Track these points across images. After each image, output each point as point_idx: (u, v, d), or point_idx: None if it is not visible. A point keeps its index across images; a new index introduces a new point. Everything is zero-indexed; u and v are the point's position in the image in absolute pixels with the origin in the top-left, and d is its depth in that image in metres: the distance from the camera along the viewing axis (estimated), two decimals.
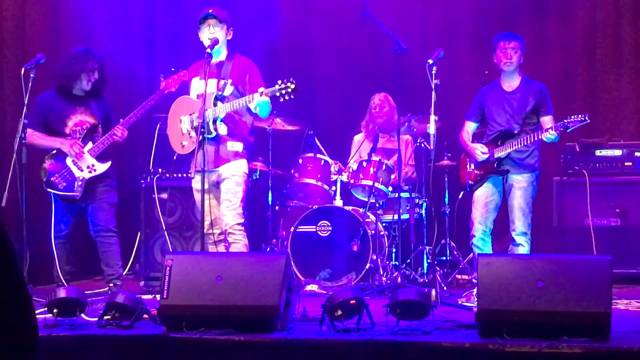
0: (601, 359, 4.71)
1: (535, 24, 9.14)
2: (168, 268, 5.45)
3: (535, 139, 6.94)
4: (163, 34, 9.55)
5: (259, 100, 6.34)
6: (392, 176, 7.97)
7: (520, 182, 7.08)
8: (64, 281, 7.14)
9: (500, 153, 7.06)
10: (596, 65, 8.93)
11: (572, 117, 6.80)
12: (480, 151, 7.10)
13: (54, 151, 7.28)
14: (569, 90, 8.93)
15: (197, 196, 6.65)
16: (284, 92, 6.28)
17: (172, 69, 7.04)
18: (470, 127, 7.32)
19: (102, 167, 7.32)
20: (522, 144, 6.97)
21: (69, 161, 7.27)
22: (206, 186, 6.43)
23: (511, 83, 7.19)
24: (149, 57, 9.41)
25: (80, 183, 7.25)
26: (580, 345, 4.75)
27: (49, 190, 7.28)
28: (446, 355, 4.94)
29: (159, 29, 9.63)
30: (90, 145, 7.30)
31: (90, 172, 7.28)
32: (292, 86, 6.28)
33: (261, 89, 6.38)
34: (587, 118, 6.77)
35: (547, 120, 7.07)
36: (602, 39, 8.90)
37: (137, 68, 9.14)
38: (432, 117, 6.56)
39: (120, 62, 8.93)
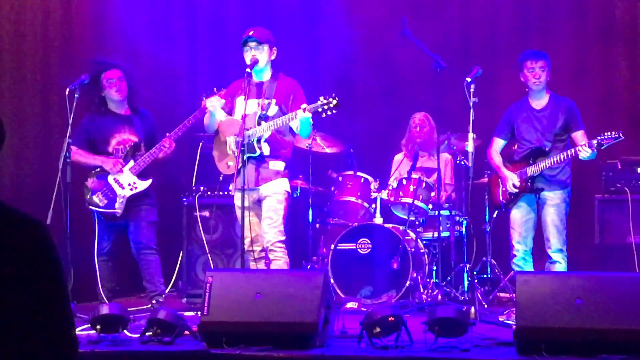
0: None
1: (575, 40, 9.12)
2: (208, 285, 5.53)
3: (569, 156, 6.93)
4: (205, 52, 9.64)
5: (301, 117, 6.41)
6: (432, 194, 7.99)
7: (552, 199, 7.09)
8: (105, 298, 7.24)
9: (532, 171, 7.07)
10: (637, 80, 8.88)
11: (607, 133, 6.79)
12: (512, 183, 7.10)
13: (97, 169, 7.41)
14: (611, 108, 8.88)
15: (239, 213, 6.71)
16: (326, 107, 6.36)
17: (215, 89, 7.13)
18: (498, 144, 7.34)
19: (143, 185, 7.43)
20: (556, 162, 6.97)
21: (110, 179, 7.39)
22: (247, 204, 6.50)
23: (540, 101, 7.21)
24: (191, 75, 9.51)
25: (121, 200, 7.37)
26: None
27: (90, 207, 7.40)
28: None
29: (201, 46, 9.73)
30: (132, 163, 7.42)
31: (131, 189, 7.40)
32: (334, 102, 6.34)
33: (304, 105, 6.44)
34: (621, 135, 6.76)
35: (578, 136, 7.08)
36: None
37: (179, 86, 9.24)
38: (471, 135, 6.58)
39: (163, 80, 9.05)
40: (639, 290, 5.03)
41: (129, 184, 7.41)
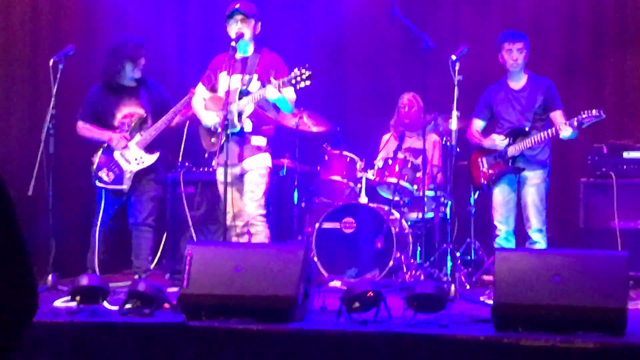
0: (615, 354, 4.70)
1: (565, 20, 9.11)
2: (189, 258, 5.53)
3: (550, 135, 6.95)
4: (195, 29, 9.61)
5: (274, 93, 6.39)
6: (418, 174, 7.98)
7: (532, 178, 7.14)
8: (97, 270, 7.21)
9: (513, 151, 7.09)
10: (628, 65, 8.88)
11: (587, 112, 6.81)
12: (499, 140, 7.13)
13: (104, 145, 7.37)
14: (598, 91, 8.88)
15: (220, 188, 6.71)
16: (299, 78, 6.33)
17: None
18: (478, 125, 7.40)
19: (150, 159, 7.40)
20: (536, 142, 7.00)
21: (117, 154, 7.36)
22: (229, 179, 6.49)
23: (518, 81, 7.26)
24: (181, 53, 9.49)
25: (128, 176, 7.35)
26: (594, 340, 4.76)
27: (97, 183, 7.37)
28: (461, 348, 4.95)
29: (191, 24, 9.70)
30: (138, 137, 7.38)
31: (138, 164, 7.37)
32: (307, 72, 6.32)
33: (273, 80, 6.43)
34: (602, 113, 6.79)
35: (557, 115, 7.12)
36: (630, 38, 8.85)
37: (169, 64, 9.21)
38: (455, 113, 6.60)
39: (155, 62, 9.01)
40: (616, 269, 5.04)
41: (136, 159, 7.37)
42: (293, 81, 6.35)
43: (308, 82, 6.34)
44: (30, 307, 2.23)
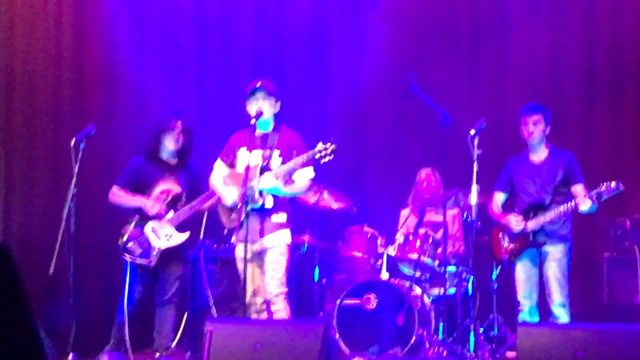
0: None
1: (584, 94, 9.14)
2: (208, 334, 5.49)
3: (568, 209, 6.93)
4: (216, 108, 9.68)
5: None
6: (439, 250, 7.95)
7: (554, 253, 7.09)
8: (128, 343, 7.18)
9: (533, 225, 7.07)
10: None
11: (606, 184, 6.78)
12: (515, 222, 7.12)
13: (135, 218, 7.39)
14: (619, 162, 8.86)
15: (240, 265, 6.69)
16: (324, 152, 6.33)
17: None
18: (499, 198, 7.39)
19: (180, 238, 7.38)
20: (556, 216, 6.98)
21: (147, 229, 7.35)
22: (249, 256, 6.47)
23: (539, 154, 7.27)
24: (203, 132, 9.55)
25: (156, 252, 7.31)
26: None
27: (124, 255, 7.34)
28: None
29: (211, 103, 9.78)
30: (171, 213, 7.38)
31: (168, 240, 7.34)
32: (332, 147, 6.32)
33: (296, 155, 6.47)
34: (621, 186, 6.75)
35: (578, 189, 7.10)
36: None
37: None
38: (474, 187, 6.59)
39: None
40: None
41: (166, 235, 7.35)
42: (317, 156, 6.35)
43: (332, 157, 6.33)
44: None
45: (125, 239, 7.35)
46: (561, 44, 9.29)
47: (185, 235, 7.41)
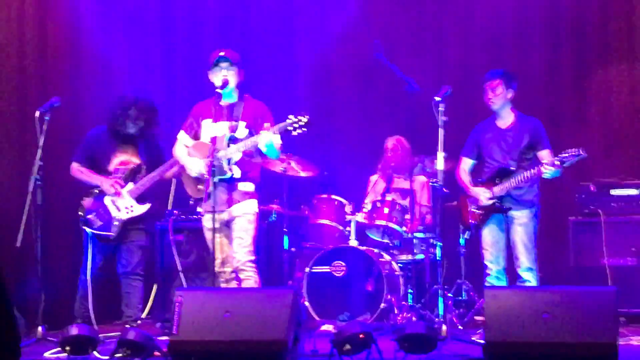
0: None
1: (549, 61, 9.20)
2: (178, 304, 5.50)
3: (534, 175, 7.00)
4: (183, 78, 9.64)
5: (267, 139, 6.39)
6: (407, 216, 8.00)
7: (520, 218, 7.17)
8: (92, 316, 7.20)
9: (499, 191, 7.13)
10: (612, 102, 8.95)
11: (568, 151, 6.85)
12: (484, 196, 7.18)
13: (96, 190, 7.40)
14: (584, 128, 8.93)
15: (208, 235, 6.71)
16: (296, 125, 6.31)
17: None
18: (466, 163, 7.44)
19: (140, 209, 7.42)
20: (521, 181, 7.04)
21: (107, 200, 7.37)
22: (217, 225, 6.48)
23: (505, 120, 7.32)
24: (169, 103, 9.51)
25: (116, 223, 7.35)
26: None
27: (84, 228, 7.37)
28: None
29: (178, 76, 9.74)
30: (131, 185, 7.40)
31: (127, 212, 7.39)
32: (305, 119, 6.31)
33: (267, 124, 6.45)
34: (582, 152, 6.81)
35: (544, 155, 7.16)
36: (617, 81, 8.93)
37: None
38: (440, 154, 6.60)
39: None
40: (606, 304, 5.04)
41: (126, 207, 7.39)
42: (289, 127, 6.34)
43: (305, 129, 6.31)
44: (13, 358, 2.24)
45: (85, 210, 7.39)
46: (526, 9, 9.33)
47: (146, 206, 7.44)
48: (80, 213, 7.41)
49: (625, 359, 5.10)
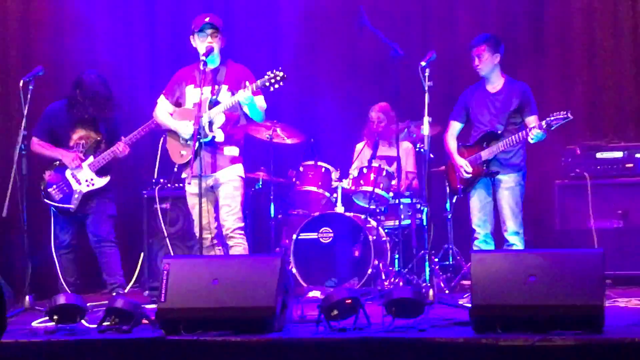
0: (594, 351, 4.71)
1: (533, 24, 9.18)
2: (165, 272, 5.51)
3: (521, 139, 7.04)
4: (166, 48, 9.59)
5: (246, 95, 6.39)
6: (393, 182, 8.00)
7: (507, 182, 7.21)
8: (67, 291, 7.22)
9: (486, 155, 7.15)
10: (597, 65, 8.94)
11: (555, 114, 6.88)
12: (465, 169, 7.21)
13: (56, 162, 7.43)
14: (569, 92, 8.93)
15: (191, 201, 6.74)
16: (273, 80, 6.41)
17: None
18: (455, 127, 7.46)
19: (100, 182, 7.47)
20: (508, 145, 7.07)
21: (68, 174, 7.43)
22: (202, 190, 6.46)
23: (494, 84, 7.33)
24: (152, 73, 9.46)
25: (77, 196, 7.43)
26: (573, 337, 4.79)
27: (45, 200, 7.42)
28: (440, 351, 4.96)
29: (161, 42, 9.68)
30: (91, 159, 7.45)
31: (88, 185, 7.45)
32: (281, 74, 6.39)
33: (247, 85, 6.45)
34: (569, 115, 6.85)
35: (531, 120, 7.19)
36: (600, 40, 8.92)
37: (139, 86, 9.15)
38: (426, 118, 6.60)
39: (125, 79, 8.98)
40: (592, 266, 5.07)
41: (86, 180, 7.46)
42: (267, 83, 6.42)
43: (282, 84, 6.42)
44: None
45: (46, 184, 7.46)
46: None
47: (106, 179, 7.52)
48: (42, 186, 7.46)
49: (612, 321, 5.12)
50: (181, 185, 7.80)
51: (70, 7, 9.02)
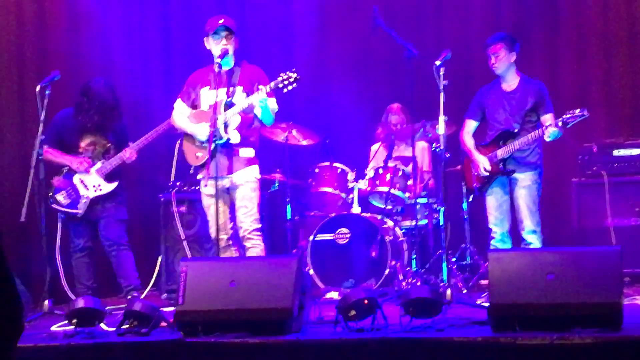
0: (612, 348, 4.70)
1: (548, 22, 9.15)
2: (183, 274, 5.52)
3: (536, 137, 7.03)
4: (180, 50, 9.61)
5: (261, 97, 6.41)
6: (409, 182, 8.00)
7: (523, 180, 7.18)
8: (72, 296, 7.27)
9: (502, 153, 7.13)
10: (613, 63, 8.90)
11: (571, 111, 6.86)
12: (484, 167, 7.19)
13: (64, 168, 7.50)
14: (585, 90, 8.90)
15: (206, 201, 6.76)
16: (286, 82, 6.41)
17: None
18: (470, 126, 7.44)
19: (108, 187, 7.51)
20: (524, 143, 7.06)
21: (76, 179, 7.49)
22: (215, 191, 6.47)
23: (510, 83, 7.31)
24: (167, 74, 9.49)
25: (84, 201, 7.48)
26: (591, 335, 4.77)
27: (53, 206, 7.46)
28: (459, 351, 4.96)
29: (175, 44, 9.71)
30: (99, 164, 7.49)
31: (95, 190, 7.50)
32: (294, 75, 6.40)
33: (261, 87, 6.47)
34: (585, 112, 6.83)
35: (547, 118, 7.17)
36: (615, 38, 8.89)
37: (153, 89, 9.18)
38: (442, 118, 6.59)
39: (139, 80, 9.02)
40: (610, 263, 5.05)
41: (94, 186, 7.50)
42: (281, 85, 6.44)
43: (295, 85, 6.43)
44: (15, 331, 2.24)
45: (54, 189, 7.50)
46: None
47: (114, 185, 7.54)
48: (50, 192, 7.47)
49: (630, 318, 5.10)
50: (197, 187, 7.85)
51: (84, 9, 9.06)
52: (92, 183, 7.49)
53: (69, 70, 8.19)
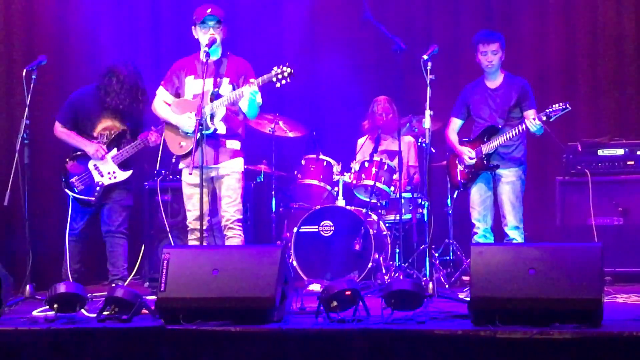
0: (591, 344, 4.72)
1: (537, 20, 9.18)
2: (165, 262, 5.51)
3: (520, 131, 7.07)
4: (169, 39, 9.60)
5: (252, 90, 6.40)
6: (395, 176, 8.02)
7: (507, 176, 7.23)
8: (70, 279, 7.22)
9: (487, 149, 7.16)
10: (598, 64, 8.94)
11: (554, 105, 6.91)
12: (468, 156, 7.23)
13: (78, 152, 7.41)
14: (571, 88, 8.94)
15: (188, 190, 6.75)
16: (280, 76, 6.38)
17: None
18: (456, 124, 7.49)
19: (122, 175, 7.46)
20: (508, 138, 7.09)
21: (90, 165, 7.42)
22: (198, 181, 6.45)
23: (494, 80, 7.37)
24: (155, 66, 9.45)
25: (98, 188, 7.43)
26: (571, 330, 4.79)
27: (66, 190, 7.42)
28: (439, 343, 4.96)
29: (165, 33, 9.69)
30: (114, 151, 7.43)
31: (110, 178, 7.44)
32: (289, 70, 6.37)
33: (252, 80, 6.45)
34: (568, 106, 6.88)
35: (529, 114, 7.23)
36: (603, 37, 8.92)
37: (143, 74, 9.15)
38: (428, 112, 6.59)
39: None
40: (591, 260, 5.07)
41: (109, 173, 7.45)
42: (274, 79, 6.40)
43: (289, 80, 6.39)
44: None
45: (68, 174, 7.46)
46: None
47: (128, 173, 7.50)
48: (63, 176, 7.45)
49: (610, 315, 5.13)
50: (179, 177, 7.85)
51: None
52: (107, 170, 7.43)
53: (55, 56, 8.14)
